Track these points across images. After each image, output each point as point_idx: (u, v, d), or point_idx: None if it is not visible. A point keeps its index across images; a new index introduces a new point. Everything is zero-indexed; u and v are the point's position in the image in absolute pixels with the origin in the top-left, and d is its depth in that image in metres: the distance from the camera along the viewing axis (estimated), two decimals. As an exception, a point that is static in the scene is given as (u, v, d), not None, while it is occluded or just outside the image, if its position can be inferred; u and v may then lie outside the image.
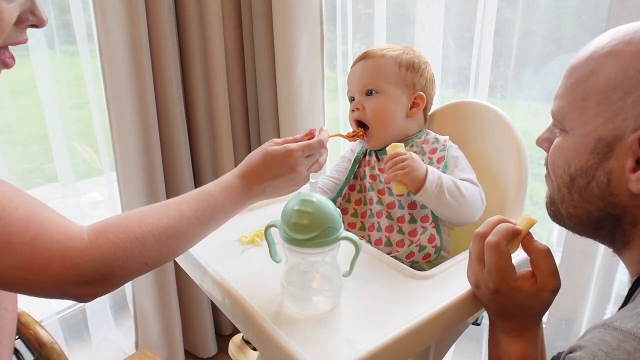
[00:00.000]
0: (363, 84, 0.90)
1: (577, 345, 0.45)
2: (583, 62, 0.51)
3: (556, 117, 0.54)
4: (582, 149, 0.50)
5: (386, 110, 0.88)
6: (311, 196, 0.59)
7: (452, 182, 0.78)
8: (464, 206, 0.78)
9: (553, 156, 0.55)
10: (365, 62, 0.91)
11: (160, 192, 1.40)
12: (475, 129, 0.92)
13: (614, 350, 0.41)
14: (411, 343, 0.59)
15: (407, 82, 0.89)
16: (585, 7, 1.10)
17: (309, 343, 0.56)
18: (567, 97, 0.52)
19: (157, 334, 1.54)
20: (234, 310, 0.65)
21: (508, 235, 0.59)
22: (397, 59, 0.89)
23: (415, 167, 0.76)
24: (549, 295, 0.59)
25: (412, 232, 0.83)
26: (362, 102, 0.90)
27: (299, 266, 0.62)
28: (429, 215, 0.83)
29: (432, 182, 0.76)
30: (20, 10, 0.57)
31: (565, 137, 0.53)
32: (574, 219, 0.54)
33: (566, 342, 1.15)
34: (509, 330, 0.61)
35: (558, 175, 0.54)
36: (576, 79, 0.51)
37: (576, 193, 0.52)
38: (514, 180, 0.84)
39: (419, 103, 0.90)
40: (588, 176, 0.50)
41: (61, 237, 0.54)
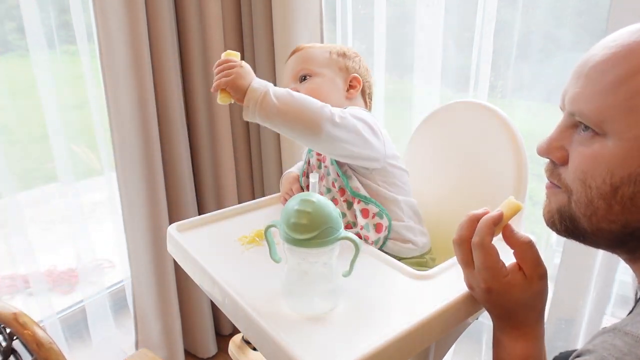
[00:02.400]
0: (296, 71, 0.91)
1: (586, 349, 0.44)
2: (619, 59, 0.46)
3: (592, 119, 0.48)
4: (631, 153, 0.45)
5: (320, 89, 0.88)
6: (311, 196, 0.59)
7: (284, 90, 0.74)
8: (297, 109, 0.72)
9: (586, 166, 0.49)
10: (296, 54, 0.93)
11: (160, 192, 1.40)
12: (475, 128, 0.91)
13: (625, 355, 0.40)
14: (411, 343, 0.59)
15: (339, 66, 0.91)
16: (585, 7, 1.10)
17: (309, 343, 0.56)
18: (607, 97, 0.46)
19: (157, 334, 1.53)
20: (234, 310, 0.65)
21: (490, 230, 0.58)
22: (327, 47, 0.93)
23: (241, 74, 0.72)
24: (539, 283, 0.58)
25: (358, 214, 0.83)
26: (297, 88, 0.88)
27: (299, 266, 0.62)
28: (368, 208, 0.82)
29: (257, 90, 0.72)
30: None
31: (604, 142, 0.47)
32: (605, 233, 0.49)
33: (566, 342, 1.15)
34: (510, 330, 0.60)
35: (593, 187, 0.48)
36: (617, 77, 0.46)
37: (618, 205, 0.47)
38: (514, 181, 0.84)
39: (355, 85, 0.91)
40: (637, 184, 0.45)
41: None
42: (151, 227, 1.42)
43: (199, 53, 1.39)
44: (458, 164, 0.95)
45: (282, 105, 0.72)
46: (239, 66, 0.73)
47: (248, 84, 0.72)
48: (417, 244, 0.84)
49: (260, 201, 0.98)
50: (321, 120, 0.72)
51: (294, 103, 0.72)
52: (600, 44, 0.50)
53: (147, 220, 1.41)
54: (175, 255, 0.84)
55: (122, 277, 1.77)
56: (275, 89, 0.74)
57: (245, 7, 1.41)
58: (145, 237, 1.43)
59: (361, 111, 0.83)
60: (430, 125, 1.00)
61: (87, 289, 1.61)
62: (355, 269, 0.63)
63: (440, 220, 0.95)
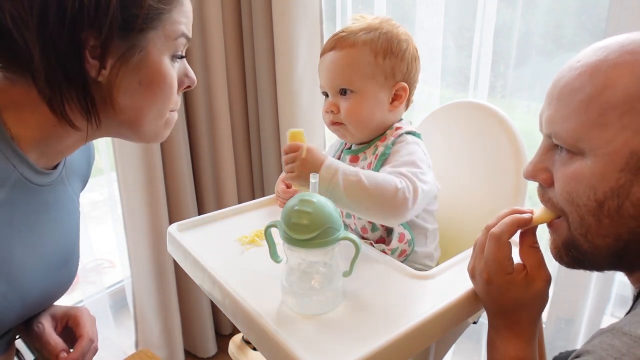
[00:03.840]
0: (336, 83, 0.81)
1: (585, 349, 0.44)
2: (586, 78, 0.48)
3: (567, 140, 0.50)
4: (610, 168, 0.46)
5: (363, 111, 0.80)
6: (311, 196, 0.59)
7: (354, 177, 0.69)
8: (369, 201, 0.69)
9: (570, 186, 0.50)
10: (335, 54, 0.80)
11: (160, 192, 1.40)
12: (475, 129, 0.91)
13: (623, 355, 0.40)
14: (411, 343, 0.59)
15: (385, 73, 0.80)
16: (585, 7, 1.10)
17: (309, 343, 0.56)
18: (579, 117, 0.48)
19: (157, 334, 1.53)
20: (234, 310, 0.65)
21: (512, 228, 0.59)
22: (371, 45, 0.78)
23: (306, 166, 0.70)
24: (542, 286, 0.59)
25: (380, 238, 0.82)
26: (336, 103, 0.81)
27: (299, 266, 0.62)
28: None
29: (325, 180, 0.69)
30: (179, 75, 0.63)
31: (582, 161, 0.49)
32: (602, 250, 0.50)
33: (566, 342, 1.15)
34: (504, 331, 0.61)
35: (581, 205, 0.49)
36: (586, 96, 0.47)
37: (606, 218, 0.48)
38: (514, 181, 0.84)
39: (402, 95, 0.82)
40: (621, 197, 0.46)
41: None
42: (151, 227, 1.42)
43: (199, 53, 1.39)
44: (458, 164, 0.95)
45: (354, 198, 0.69)
46: (301, 158, 0.70)
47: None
48: (431, 267, 0.84)
49: (260, 201, 0.98)
50: (396, 210, 0.70)
51: (366, 197, 0.69)
52: (567, 66, 0.51)
53: (147, 220, 1.41)
54: (175, 255, 0.84)
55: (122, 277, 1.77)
56: (346, 177, 0.69)
57: (245, 7, 1.41)
58: (145, 237, 1.43)
59: (419, 152, 0.78)
60: (430, 125, 1.00)
61: (87, 288, 1.61)
62: (356, 269, 0.63)
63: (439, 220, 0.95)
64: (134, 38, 0.56)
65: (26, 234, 0.61)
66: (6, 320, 0.61)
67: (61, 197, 0.68)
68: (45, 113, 0.57)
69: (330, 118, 0.83)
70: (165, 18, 0.58)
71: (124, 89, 0.58)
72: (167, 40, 0.59)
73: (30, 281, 0.62)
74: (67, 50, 0.53)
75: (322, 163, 0.70)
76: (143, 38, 0.57)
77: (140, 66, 0.57)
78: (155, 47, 0.58)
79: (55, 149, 0.62)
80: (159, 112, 0.62)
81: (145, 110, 0.61)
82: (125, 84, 0.57)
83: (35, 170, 0.60)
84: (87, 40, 0.53)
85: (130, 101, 0.59)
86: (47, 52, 0.52)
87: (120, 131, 0.63)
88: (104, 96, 0.58)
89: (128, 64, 0.57)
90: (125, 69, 0.57)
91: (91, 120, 0.58)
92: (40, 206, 0.63)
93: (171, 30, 0.59)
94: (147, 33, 0.57)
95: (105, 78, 0.56)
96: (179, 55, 0.62)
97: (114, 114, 0.59)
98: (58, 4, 0.51)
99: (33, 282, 0.63)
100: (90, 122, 0.58)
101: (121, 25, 0.54)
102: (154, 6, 0.56)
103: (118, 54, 0.55)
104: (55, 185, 0.65)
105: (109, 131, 0.63)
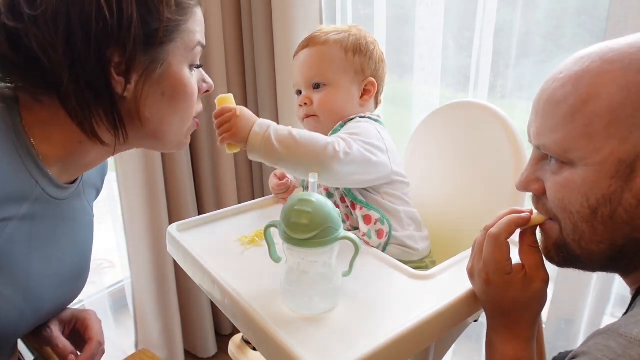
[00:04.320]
0: (309, 77, 0.86)
1: (580, 351, 0.44)
2: (569, 89, 0.49)
3: (556, 152, 0.51)
4: (600, 176, 0.47)
5: (335, 102, 0.85)
6: (310, 196, 0.59)
7: (286, 131, 0.72)
8: (301, 153, 0.71)
9: (562, 194, 0.51)
10: (308, 52, 0.86)
11: (160, 192, 1.40)
12: (475, 128, 0.91)
13: (619, 356, 0.40)
14: (411, 343, 0.59)
15: (355, 69, 0.85)
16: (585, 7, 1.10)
17: (309, 343, 0.56)
18: (565, 128, 0.49)
19: (157, 334, 1.54)
20: (234, 310, 0.65)
21: (510, 228, 0.59)
22: (342, 43, 0.85)
23: (239, 125, 0.71)
24: (540, 286, 0.59)
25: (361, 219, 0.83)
26: (310, 96, 0.86)
27: (299, 266, 0.62)
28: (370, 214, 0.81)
29: (258, 135, 0.71)
30: (197, 82, 0.66)
31: (573, 170, 0.49)
32: (596, 255, 0.51)
33: (566, 342, 1.15)
34: (502, 331, 0.61)
35: (574, 212, 0.50)
36: (571, 107, 0.48)
37: (600, 225, 0.49)
38: (514, 181, 0.83)
39: (370, 90, 0.87)
40: (613, 203, 0.47)
41: None
42: (151, 227, 1.42)
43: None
44: (458, 164, 0.95)
45: (285, 150, 0.71)
46: (234, 116, 0.71)
47: (248, 133, 0.71)
48: (417, 250, 0.84)
49: (260, 201, 0.98)
50: (326, 161, 0.72)
51: (297, 148, 0.71)
52: (550, 78, 0.52)
53: (147, 220, 1.41)
54: (175, 255, 0.84)
55: (122, 277, 1.77)
56: (277, 131, 0.72)
57: (245, 7, 1.41)
58: (145, 237, 1.43)
59: (369, 127, 0.81)
60: (430, 125, 1.00)
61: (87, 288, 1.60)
62: (355, 269, 0.63)
63: (439, 220, 0.95)
64: (155, 52, 0.58)
65: (44, 249, 0.62)
66: (20, 333, 0.63)
67: (78, 210, 0.69)
68: (73, 131, 0.58)
69: (304, 111, 0.87)
70: (182, 29, 0.60)
71: (148, 101, 0.59)
72: (185, 51, 0.61)
73: (45, 295, 0.63)
74: (94, 69, 0.55)
75: (256, 120, 0.72)
76: (164, 51, 0.59)
77: (162, 78, 0.59)
78: (175, 59, 0.60)
79: (80, 163, 0.63)
80: (182, 121, 0.65)
81: (169, 120, 0.63)
82: (149, 97, 0.59)
83: (56, 185, 0.61)
84: (112, 58, 0.55)
85: (154, 112, 0.61)
86: (75, 73, 0.54)
87: (145, 142, 0.65)
88: (130, 110, 0.59)
89: (151, 78, 0.58)
90: (149, 82, 0.58)
91: (119, 136, 0.60)
92: (58, 220, 0.64)
93: (189, 40, 0.61)
94: (167, 45, 0.59)
95: (130, 93, 0.58)
96: (197, 65, 0.65)
97: (140, 126, 0.61)
98: (82, 25, 0.52)
99: (48, 295, 0.64)
100: (118, 138, 0.60)
101: (143, 40, 0.56)
102: (172, 18, 0.58)
103: (142, 69, 0.57)
104: (72, 198, 0.66)
105: (134, 143, 0.65)
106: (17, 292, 0.58)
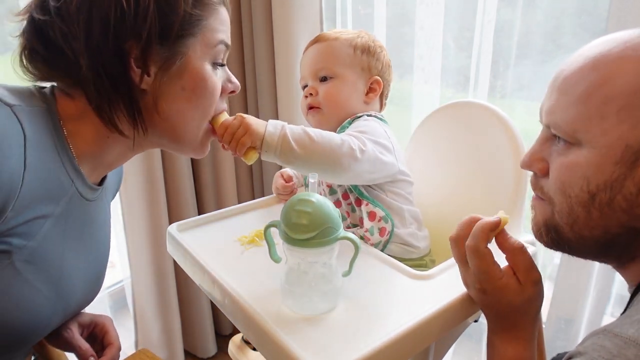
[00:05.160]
0: (316, 69, 0.87)
1: (577, 351, 0.44)
2: (589, 70, 0.48)
3: (565, 130, 0.50)
4: (605, 160, 0.47)
5: (340, 94, 0.85)
6: (310, 196, 0.59)
7: (300, 130, 0.71)
8: (317, 152, 0.70)
9: (565, 175, 0.50)
10: (317, 46, 0.88)
11: (160, 192, 1.40)
12: (475, 129, 0.92)
13: (614, 357, 0.40)
14: (411, 343, 0.59)
15: (362, 66, 0.86)
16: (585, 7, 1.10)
17: (309, 343, 0.56)
18: (578, 107, 0.48)
19: (157, 334, 1.53)
20: (234, 310, 0.65)
21: (485, 235, 0.59)
22: (351, 42, 0.86)
23: (252, 123, 0.69)
24: (534, 289, 0.58)
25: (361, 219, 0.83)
26: (316, 87, 0.86)
27: (299, 266, 0.62)
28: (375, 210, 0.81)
29: (274, 135, 0.69)
30: (222, 81, 0.67)
31: (579, 151, 0.49)
32: (587, 241, 0.51)
33: (566, 342, 1.15)
34: (502, 333, 0.61)
35: (572, 196, 0.50)
36: (587, 87, 0.48)
37: (596, 211, 0.48)
38: (514, 180, 0.84)
39: (376, 88, 0.88)
40: (613, 190, 0.47)
41: None
42: (151, 227, 1.42)
43: (199, 53, 1.39)
44: (458, 164, 0.95)
45: (302, 149, 0.69)
46: (243, 119, 0.69)
47: (263, 132, 0.69)
48: (418, 248, 0.85)
49: (260, 201, 0.98)
50: (344, 160, 0.71)
51: (313, 146, 0.70)
52: (571, 58, 0.52)
53: (147, 220, 1.41)
54: (175, 255, 0.84)
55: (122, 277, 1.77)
56: (293, 130, 0.70)
57: (245, 7, 1.41)
58: (145, 237, 1.43)
59: (376, 127, 0.81)
60: (430, 125, 1.00)
61: (87, 288, 1.60)
62: (355, 269, 0.63)
63: (439, 220, 0.95)
64: (173, 45, 0.59)
65: (75, 247, 0.64)
66: (49, 327, 0.64)
67: (102, 211, 0.72)
68: (100, 126, 0.60)
69: (308, 101, 0.87)
70: (203, 25, 0.61)
71: (168, 95, 0.60)
72: (206, 47, 0.62)
73: (73, 292, 0.65)
74: (112, 59, 0.56)
75: (266, 121, 0.71)
76: (183, 44, 0.59)
77: (182, 72, 0.60)
78: (195, 54, 0.61)
79: (105, 161, 0.65)
80: (201, 118, 0.65)
81: (187, 115, 0.63)
82: (169, 91, 0.60)
83: (88, 186, 0.63)
84: (131, 50, 0.56)
85: (174, 106, 0.62)
86: (94, 61, 0.56)
87: (164, 141, 0.66)
88: (149, 103, 0.60)
89: (170, 71, 0.59)
90: (168, 75, 0.59)
91: (138, 127, 0.61)
92: (87, 220, 0.66)
93: (210, 37, 0.62)
94: (187, 40, 0.60)
95: (149, 86, 0.59)
96: (220, 62, 0.65)
97: (159, 121, 0.62)
98: (101, 15, 0.54)
99: (75, 292, 0.65)
100: (137, 130, 0.61)
101: (160, 32, 0.57)
102: (190, 12, 0.59)
103: (160, 62, 0.58)
104: (98, 200, 0.68)
105: (154, 141, 0.66)
106: (51, 289, 0.59)
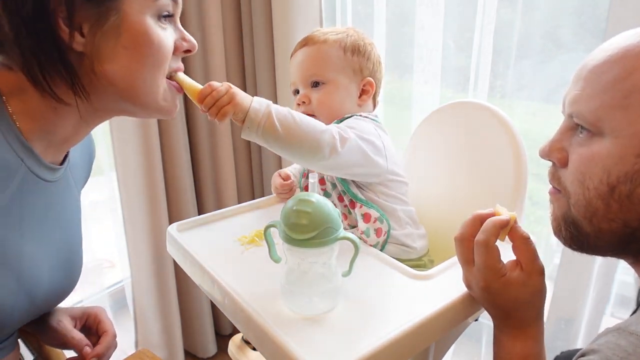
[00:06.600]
0: (307, 75, 0.85)
1: (590, 349, 0.44)
2: (616, 60, 0.48)
3: (588, 119, 0.49)
4: (627, 151, 0.46)
5: (333, 100, 0.84)
6: (310, 196, 0.59)
7: (286, 111, 0.70)
8: (299, 135, 0.69)
9: (584, 167, 0.50)
10: (306, 50, 0.86)
11: (160, 192, 1.40)
12: (475, 128, 0.91)
13: (629, 355, 0.40)
14: (411, 343, 0.59)
15: (354, 68, 0.85)
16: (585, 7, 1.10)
17: (308, 343, 0.56)
18: (603, 97, 0.48)
19: (157, 334, 1.53)
20: (234, 310, 0.65)
21: (496, 230, 0.59)
22: (340, 43, 0.84)
23: (238, 93, 0.67)
24: (538, 279, 0.59)
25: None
26: (308, 95, 0.85)
27: (299, 266, 0.62)
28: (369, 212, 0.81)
29: (258, 111, 0.67)
30: (175, 39, 0.62)
31: (600, 142, 0.49)
32: (606, 234, 0.50)
33: (566, 342, 1.15)
34: (509, 330, 0.60)
35: (591, 188, 0.49)
36: (614, 77, 0.48)
37: (616, 203, 0.48)
38: (514, 181, 0.84)
39: (369, 90, 0.87)
40: (634, 182, 0.46)
41: None
42: (151, 227, 1.42)
43: (199, 53, 1.39)
44: (458, 164, 0.95)
45: (284, 130, 0.68)
46: (230, 88, 0.68)
47: (248, 104, 0.68)
48: (415, 248, 0.84)
49: (260, 201, 0.98)
50: (324, 147, 0.70)
51: (296, 129, 0.69)
52: (598, 48, 0.52)
53: (147, 220, 1.41)
54: (175, 255, 0.84)
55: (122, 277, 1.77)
56: (277, 110, 0.69)
57: (245, 7, 1.41)
58: (145, 237, 1.43)
59: (367, 125, 0.81)
60: (430, 126, 1.00)
61: (86, 288, 1.61)
62: (355, 269, 0.63)
63: (439, 220, 0.95)
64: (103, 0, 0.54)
65: (35, 232, 0.61)
66: (16, 317, 0.61)
67: (66, 194, 0.68)
68: (44, 97, 0.56)
69: (301, 110, 0.86)
70: None
71: (108, 56, 0.56)
72: (145, 0, 0.57)
73: (38, 278, 0.63)
74: (34, 15, 0.52)
75: (253, 97, 0.69)
76: None
77: (119, 30, 0.56)
78: (132, 8, 0.56)
79: (60, 136, 0.61)
80: (153, 77, 0.60)
81: (136, 75, 0.59)
82: (108, 51, 0.56)
83: (44, 165, 0.59)
84: (56, 7, 0.52)
85: (118, 68, 0.57)
86: (14, 19, 0.52)
87: (120, 106, 0.62)
88: (89, 66, 0.56)
89: (104, 29, 0.55)
90: (103, 34, 0.55)
91: (78, 93, 0.57)
92: (47, 203, 0.63)
93: None
94: None
95: (84, 47, 0.55)
96: (165, 14, 0.60)
97: (106, 84, 0.58)
98: None
99: (41, 279, 0.63)
100: (78, 96, 0.57)
101: None
102: None
103: (92, 19, 0.54)
104: (60, 181, 0.65)
105: (108, 107, 0.62)
106: (10, 275, 0.57)
